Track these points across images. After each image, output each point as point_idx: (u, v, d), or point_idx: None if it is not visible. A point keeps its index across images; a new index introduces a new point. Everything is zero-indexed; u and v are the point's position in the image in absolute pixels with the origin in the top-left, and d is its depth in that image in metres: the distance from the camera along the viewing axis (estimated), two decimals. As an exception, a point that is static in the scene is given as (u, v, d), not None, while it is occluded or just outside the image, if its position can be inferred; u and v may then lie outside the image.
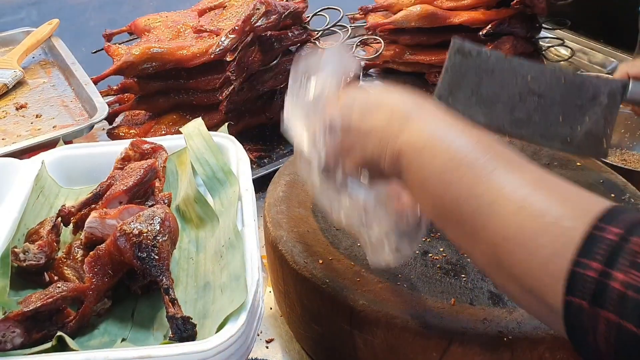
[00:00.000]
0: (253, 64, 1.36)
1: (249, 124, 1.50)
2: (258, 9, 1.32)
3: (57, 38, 1.60)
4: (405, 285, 0.84)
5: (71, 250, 0.79)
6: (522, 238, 0.51)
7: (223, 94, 1.35)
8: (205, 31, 1.39)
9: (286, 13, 1.39)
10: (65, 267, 0.77)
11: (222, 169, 0.92)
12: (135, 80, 1.39)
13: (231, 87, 1.34)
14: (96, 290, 0.72)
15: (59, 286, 0.70)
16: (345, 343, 0.84)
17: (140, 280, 0.74)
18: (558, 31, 1.95)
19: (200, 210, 0.87)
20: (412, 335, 0.77)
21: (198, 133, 0.98)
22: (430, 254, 0.90)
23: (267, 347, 0.99)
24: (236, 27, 1.30)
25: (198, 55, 1.32)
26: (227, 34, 1.30)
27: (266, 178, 1.28)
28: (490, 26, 1.69)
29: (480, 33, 1.70)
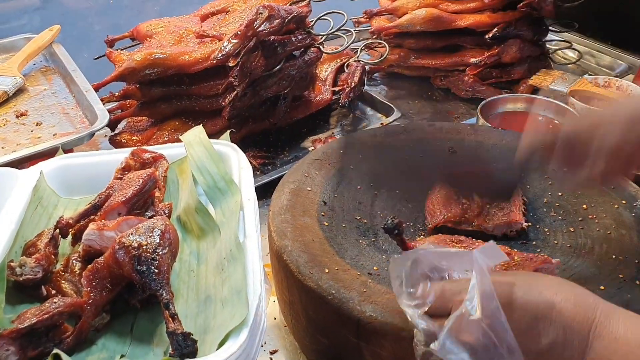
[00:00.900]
0: (256, 69, 1.34)
1: (253, 130, 1.48)
2: (261, 14, 1.31)
3: (59, 44, 1.58)
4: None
5: (69, 263, 0.78)
6: None
7: (226, 100, 1.34)
8: (207, 36, 1.38)
9: (289, 17, 1.37)
10: (63, 281, 0.76)
11: (224, 178, 0.90)
12: (137, 86, 1.38)
13: (234, 93, 1.33)
14: (94, 304, 0.70)
15: (56, 301, 0.68)
16: (351, 355, 0.82)
17: (139, 294, 0.72)
18: (565, 34, 1.93)
19: (201, 220, 0.85)
20: (421, 348, 0.75)
21: (199, 141, 0.96)
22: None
23: (272, 359, 0.97)
24: (239, 32, 1.29)
25: (200, 60, 1.31)
26: (230, 39, 1.29)
27: (270, 185, 1.27)
28: (496, 29, 1.68)
29: (486, 36, 1.69)
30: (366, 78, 1.70)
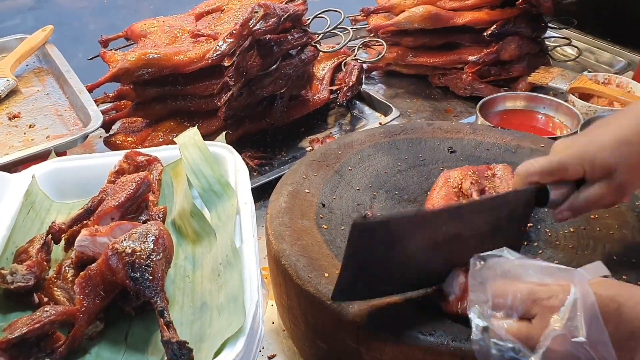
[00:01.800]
0: (252, 69, 1.33)
1: (249, 130, 1.46)
2: (256, 12, 1.29)
3: (52, 45, 1.56)
4: (414, 301, 0.80)
5: (61, 269, 0.76)
6: None
7: (221, 100, 1.32)
8: (202, 35, 1.36)
9: (285, 16, 1.35)
10: (55, 288, 0.74)
11: (219, 181, 0.88)
12: (131, 86, 1.36)
13: (230, 93, 1.31)
14: (87, 312, 0.68)
15: (47, 310, 0.66)
16: (351, 361, 0.80)
17: (133, 301, 0.71)
18: (564, 30, 1.91)
19: (196, 224, 0.84)
20: (422, 353, 0.74)
21: (193, 143, 0.94)
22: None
23: (270, 364, 0.95)
24: (234, 31, 1.27)
25: (195, 60, 1.30)
26: (225, 38, 1.27)
27: (267, 186, 1.25)
28: (494, 26, 1.67)
29: (484, 34, 1.67)
30: (364, 77, 1.69)
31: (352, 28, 1.60)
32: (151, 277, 0.67)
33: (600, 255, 0.88)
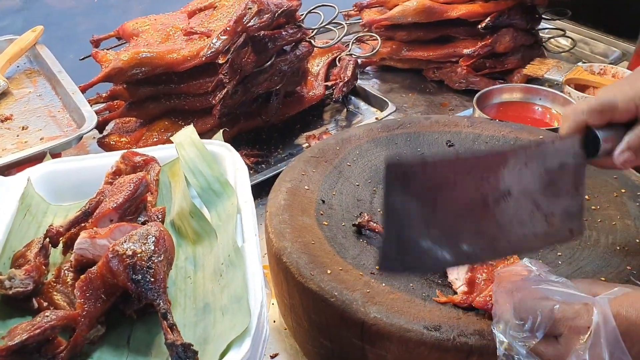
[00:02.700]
0: (246, 66, 1.31)
1: (244, 128, 1.45)
2: (250, 9, 1.28)
3: (42, 45, 1.54)
4: (419, 296, 0.79)
5: (61, 273, 0.75)
6: None
7: (216, 98, 1.31)
8: (195, 33, 1.34)
9: (279, 12, 1.34)
10: (55, 292, 0.73)
11: (218, 180, 0.87)
12: (124, 86, 1.34)
13: (224, 90, 1.30)
14: (88, 316, 0.67)
15: (48, 315, 0.65)
16: (355, 358, 0.80)
17: (135, 304, 0.70)
18: (558, 21, 1.91)
19: (196, 224, 0.82)
20: (428, 349, 0.73)
21: (190, 142, 0.93)
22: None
23: (272, 364, 0.94)
24: (228, 28, 1.26)
25: (189, 58, 1.28)
26: (219, 35, 1.26)
27: (264, 184, 1.24)
28: (489, 19, 1.66)
29: (479, 26, 1.67)
30: (358, 72, 1.68)
31: (347, 23, 1.59)
32: (153, 279, 0.66)
33: (603, 246, 0.88)
